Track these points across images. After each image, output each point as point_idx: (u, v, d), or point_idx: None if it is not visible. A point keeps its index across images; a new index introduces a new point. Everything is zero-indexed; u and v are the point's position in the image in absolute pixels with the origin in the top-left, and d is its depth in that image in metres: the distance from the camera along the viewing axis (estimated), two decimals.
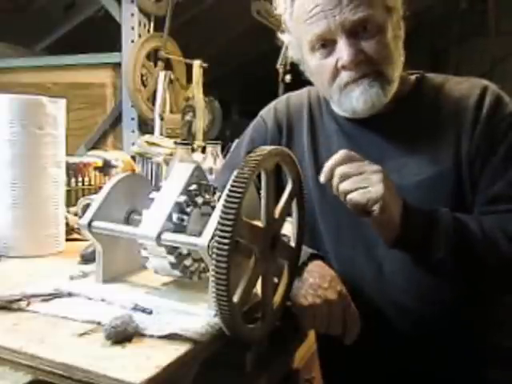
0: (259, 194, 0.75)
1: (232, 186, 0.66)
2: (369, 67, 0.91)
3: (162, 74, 2.52)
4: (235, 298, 0.68)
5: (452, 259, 0.83)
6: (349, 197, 0.80)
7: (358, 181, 0.80)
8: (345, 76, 0.92)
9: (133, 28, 2.69)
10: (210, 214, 0.80)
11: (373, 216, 0.81)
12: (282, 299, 0.81)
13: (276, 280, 0.81)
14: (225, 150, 1.89)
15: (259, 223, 0.73)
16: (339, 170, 0.81)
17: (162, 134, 2.37)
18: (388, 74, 0.92)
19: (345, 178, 0.81)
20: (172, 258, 0.80)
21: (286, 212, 0.79)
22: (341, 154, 0.82)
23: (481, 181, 0.91)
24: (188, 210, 0.81)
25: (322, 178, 0.82)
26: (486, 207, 0.90)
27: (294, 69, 1.02)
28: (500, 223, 0.86)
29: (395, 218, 0.82)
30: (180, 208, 0.80)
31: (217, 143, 1.73)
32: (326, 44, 0.92)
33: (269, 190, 0.74)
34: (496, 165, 0.90)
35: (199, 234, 0.77)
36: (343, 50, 0.89)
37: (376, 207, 0.79)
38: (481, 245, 0.83)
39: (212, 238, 0.73)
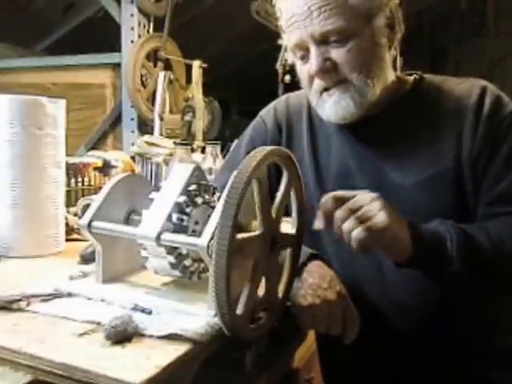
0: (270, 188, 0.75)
1: (232, 186, 0.66)
2: (337, 76, 0.91)
3: (161, 75, 2.52)
4: (238, 307, 0.67)
5: (464, 272, 0.82)
6: (354, 234, 0.76)
7: (359, 216, 0.77)
8: (316, 84, 0.94)
9: (132, 28, 2.69)
10: (209, 215, 0.80)
11: (383, 245, 0.80)
12: (282, 299, 0.81)
13: (275, 280, 0.81)
14: (224, 150, 1.89)
15: (255, 231, 0.73)
16: (337, 216, 0.78)
17: (161, 135, 2.37)
18: (359, 84, 0.91)
19: (344, 219, 0.78)
20: (172, 258, 0.80)
21: (282, 211, 0.79)
22: (331, 196, 0.79)
23: (484, 181, 0.91)
24: (188, 210, 0.81)
25: (319, 225, 0.79)
26: (487, 208, 0.90)
27: (294, 69, 1.02)
28: (506, 229, 0.85)
29: (405, 241, 0.80)
30: (180, 208, 0.81)
31: (216, 143, 1.74)
32: (302, 51, 0.93)
33: (262, 196, 0.73)
34: (499, 165, 0.90)
35: (199, 234, 0.77)
36: (312, 59, 0.91)
37: (385, 235, 0.78)
38: (490, 254, 0.83)
39: (212, 238, 0.73)
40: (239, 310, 0.70)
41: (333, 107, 0.94)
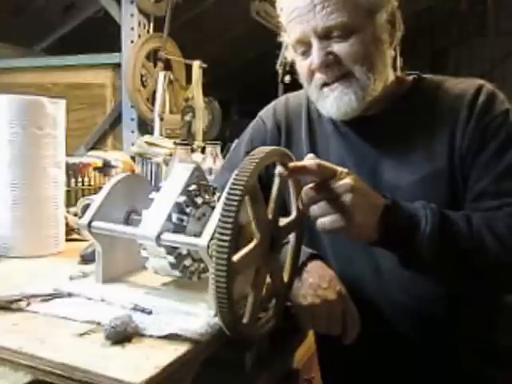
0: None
1: (232, 186, 0.66)
2: (340, 69, 0.91)
3: (161, 75, 2.52)
4: (239, 307, 0.67)
5: (435, 259, 0.81)
6: (318, 223, 0.76)
7: (327, 208, 0.75)
8: (318, 78, 0.94)
9: (132, 28, 2.69)
10: (209, 215, 0.80)
11: (346, 235, 0.80)
12: (282, 298, 0.81)
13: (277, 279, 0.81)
14: (224, 150, 1.89)
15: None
16: (307, 193, 0.76)
17: (161, 135, 2.37)
18: (361, 77, 0.91)
19: (313, 201, 0.76)
20: (171, 259, 0.80)
21: (290, 228, 0.80)
22: (308, 161, 0.75)
23: (470, 177, 0.91)
24: (188, 210, 0.81)
25: (284, 172, 0.75)
26: (470, 205, 0.90)
27: (293, 69, 1.03)
28: (486, 222, 0.85)
29: (370, 230, 0.79)
30: (180, 208, 0.81)
31: (216, 143, 1.74)
32: (304, 46, 0.93)
33: (280, 185, 0.74)
34: (484, 162, 0.90)
35: (199, 234, 0.77)
36: (314, 54, 0.91)
37: (347, 233, 0.77)
38: (468, 243, 0.82)
39: (212, 239, 0.73)
40: (240, 311, 0.70)
41: (335, 103, 0.93)
